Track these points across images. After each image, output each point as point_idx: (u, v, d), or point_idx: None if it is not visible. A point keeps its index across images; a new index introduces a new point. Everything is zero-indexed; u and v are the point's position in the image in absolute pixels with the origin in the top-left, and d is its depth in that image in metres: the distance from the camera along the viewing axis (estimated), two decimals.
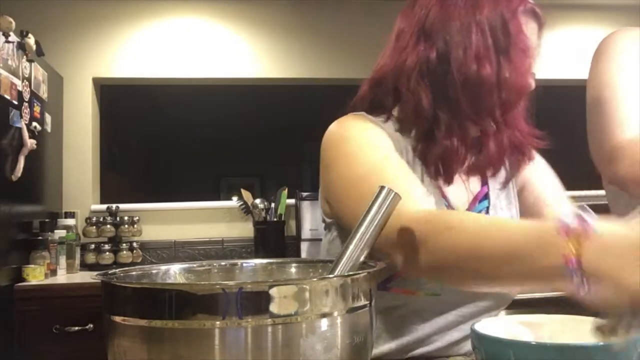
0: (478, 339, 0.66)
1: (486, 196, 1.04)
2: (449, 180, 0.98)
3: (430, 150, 0.96)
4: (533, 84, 0.97)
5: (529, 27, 0.96)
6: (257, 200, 3.10)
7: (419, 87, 0.94)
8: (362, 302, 0.56)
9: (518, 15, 0.93)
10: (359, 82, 1.09)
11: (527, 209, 1.08)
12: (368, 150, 0.92)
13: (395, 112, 1.02)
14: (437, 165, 0.97)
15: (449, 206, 0.99)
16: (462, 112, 0.94)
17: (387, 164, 0.90)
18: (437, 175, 0.98)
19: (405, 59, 0.96)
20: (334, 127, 0.99)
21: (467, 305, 0.99)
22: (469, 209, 1.01)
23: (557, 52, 3.61)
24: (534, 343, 0.61)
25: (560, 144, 1.27)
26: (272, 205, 3.09)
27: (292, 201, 3.16)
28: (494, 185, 1.06)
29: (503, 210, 1.04)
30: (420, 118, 0.95)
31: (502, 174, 1.07)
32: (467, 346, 1.01)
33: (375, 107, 1.02)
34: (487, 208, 1.03)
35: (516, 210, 1.08)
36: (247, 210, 3.14)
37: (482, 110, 0.94)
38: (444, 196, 0.98)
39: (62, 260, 2.66)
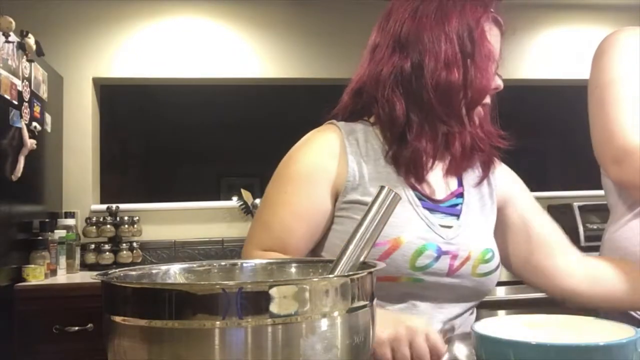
0: (478, 339, 0.66)
1: (461, 195, 1.11)
2: (419, 180, 1.06)
3: (401, 152, 1.04)
4: (501, 85, 1.08)
5: (493, 34, 1.06)
6: (257, 200, 3.10)
7: (394, 95, 1.03)
8: (362, 302, 0.56)
9: (482, 23, 1.03)
10: None
11: (514, 224, 1.16)
12: (294, 199, 1.03)
13: (372, 119, 1.10)
14: (407, 165, 1.04)
15: (424, 196, 1.06)
16: (434, 113, 1.03)
17: (294, 227, 1.02)
18: (408, 174, 1.05)
19: (381, 69, 1.05)
20: (298, 147, 1.08)
21: (447, 291, 1.04)
22: (445, 200, 1.09)
23: (557, 52, 3.61)
24: (534, 343, 0.61)
25: (561, 143, 1.27)
26: None
27: None
28: (468, 185, 1.13)
29: (475, 210, 1.11)
30: (394, 123, 1.04)
31: (476, 173, 1.14)
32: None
33: (355, 116, 1.12)
34: (461, 205, 1.10)
35: (491, 213, 1.14)
36: (247, 210, 3.14)
37: (450, 109, 1.03)
38: (417, 189, 1.06)
39: (62, 260, 2.66)
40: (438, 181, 1.10)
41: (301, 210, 1.03)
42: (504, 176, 1.18)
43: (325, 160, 1.04)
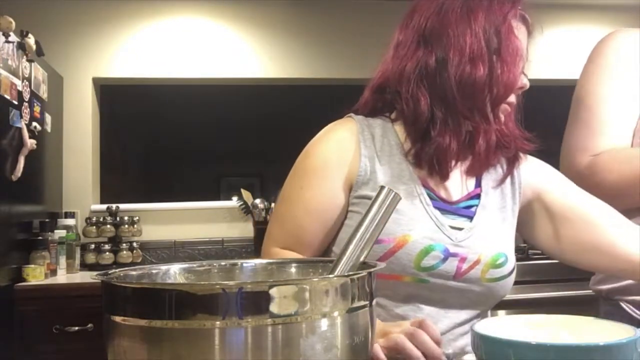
0: (478, 339, 0.66)
1: (478, 196, 1.08)
2: (444, 177, 1.04)
3: (425, 149, 1.02)
4: (527, 84, 1.07)
5: (520, 32, 1.05)
6: (257, 200, 3.10)
7: (419, 90, 1.01)
8: (362, 302, 0.56)
9: (509, 19, 1.02)
10: (360, 82, 1.15)
11: (559, 207, 1.10)
12: (308, 194, 1.03)
13: (393, 115, 1.08)
14: (431, 163, 1.02)
15: (437, 196, 1.04)
16: (457, 109, 1.00)
17: (307, 223, 1.03)
18: (431, 172, 1.03)
19: (405, 64, 1.03)
20: (314, 141, 1.08)
21: (454, 295, 1.02)
22: (460, 201, 1.06)
23: (557, 52, 3.61)
24: (533, 343, 0.61)
25: (561, 144, 1.28)
26: (272, 205, 3.09)
27: None
28: (487, 185, 1.10)
29: (492, 212, 1.08)
30: (419, 119, 1.01)
31: (499, 172, 1.11)
32: (448, 337, 1.02)
33: (376, 112, 1.09)
34: (477, 207, 1.07)
35: (512, 215, 1.11)
36: (247, 210, 3.14)
37: (474, 105, 1.01)
38: (430, 188, 1.04)
39: (62, 260, 2.66)
40: (455, 182, 1.07)
41: (315, 206, 1.02)
42: (533, 169, 1.13)
43: (339, 154, 1.03)
